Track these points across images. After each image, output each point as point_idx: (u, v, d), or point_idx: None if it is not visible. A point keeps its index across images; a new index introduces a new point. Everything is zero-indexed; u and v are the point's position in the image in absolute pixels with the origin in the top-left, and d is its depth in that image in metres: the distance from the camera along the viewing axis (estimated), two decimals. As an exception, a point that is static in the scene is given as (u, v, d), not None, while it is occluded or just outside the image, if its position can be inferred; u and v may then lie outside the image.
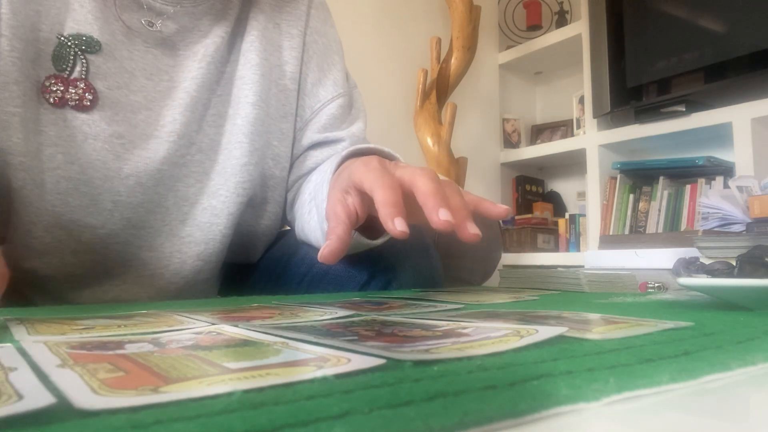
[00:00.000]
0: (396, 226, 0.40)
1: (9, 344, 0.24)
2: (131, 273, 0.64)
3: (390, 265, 0.61)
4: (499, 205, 0.48)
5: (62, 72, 0.59)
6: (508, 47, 2.49)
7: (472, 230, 0.42)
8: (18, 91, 0.56)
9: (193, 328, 0.29)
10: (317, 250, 0.65)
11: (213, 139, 0.66)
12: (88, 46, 0.59)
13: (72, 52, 0.59)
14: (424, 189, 0.43)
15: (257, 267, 0.76)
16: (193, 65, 0.65)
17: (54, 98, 0.58)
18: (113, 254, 0.63)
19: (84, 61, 0.59)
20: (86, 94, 0.59)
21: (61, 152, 0.58)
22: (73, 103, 0.59)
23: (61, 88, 0.58)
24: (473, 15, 2.10)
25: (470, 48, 2.11)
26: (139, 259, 0.64)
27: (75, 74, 0.59)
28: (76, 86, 0.59)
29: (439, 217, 0.40)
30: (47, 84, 0.58)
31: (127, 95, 0.61)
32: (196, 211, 0.65)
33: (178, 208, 0.65)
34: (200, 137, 0.66)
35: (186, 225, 0.65)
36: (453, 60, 2.09)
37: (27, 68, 0.57)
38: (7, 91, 0.56)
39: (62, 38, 0.58)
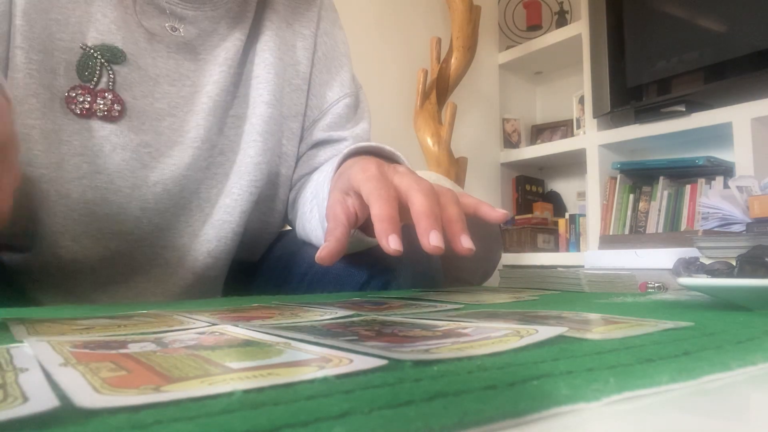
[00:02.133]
0: (390, 243, 0.41)
1: (23, 344, 0.24)
2: (154, 272, 0.65)
3: (390, 265, 0.61)
4: (497, 210, 0.49)
5: (88, 82, 0.59)
6: (508, 47, 2.49)
7: (465, 244, 0.43)
8: (37, 104, 0.56)
9: (196, 328, 0.29)
10: (318, 249, 0.66)
11: (233, 140, 0.67)
12: (114, 56, 0.60)
13: (98, 63, 0.59)
14: (417, 207, 0.43)
15: (259, 266, 0.76)
16: (215, 69, 0.65)
17: (81, 109, 0.58)
18: (140, 257, 0.64)
19: (110, 71, 0.59)
20: (114, 105, 0.59)
21: (87, 162, 0.59)
22: (101, 113, 0.59)
23: (88, 99, 0.58)
24: (473, 15, 2.10)
25: (470, 48, 2.11)
26: (162, 258, 0.65)
27: (101, 85, 0.59)
28: (104, 97, 0.59)
29: (430, 241, 0.41)
30: (72, 94, 0.58)
31: (152, 103, 0.62)
32: (214, 210, 0.66)
33: (201, 210, 0.66)
34: (221, 140, 0.66)
35: (205, 224, 0.66)
36: (453, 60, 2.10)
37: (46, 79, 0.57)
38: (26, 104, 0.56)
39: (87, 48, 0.59)
